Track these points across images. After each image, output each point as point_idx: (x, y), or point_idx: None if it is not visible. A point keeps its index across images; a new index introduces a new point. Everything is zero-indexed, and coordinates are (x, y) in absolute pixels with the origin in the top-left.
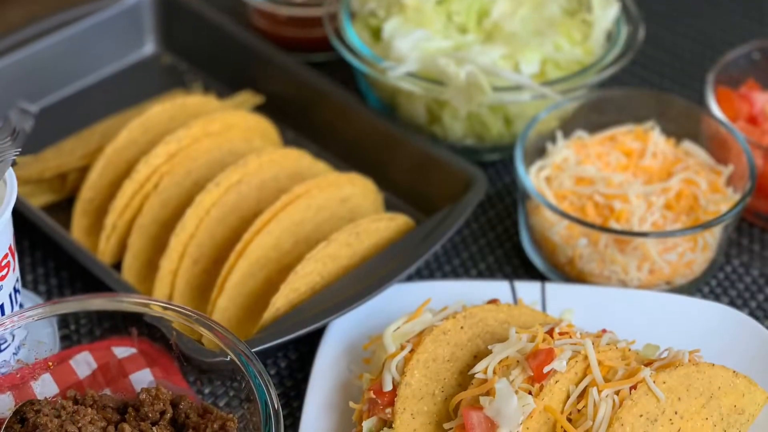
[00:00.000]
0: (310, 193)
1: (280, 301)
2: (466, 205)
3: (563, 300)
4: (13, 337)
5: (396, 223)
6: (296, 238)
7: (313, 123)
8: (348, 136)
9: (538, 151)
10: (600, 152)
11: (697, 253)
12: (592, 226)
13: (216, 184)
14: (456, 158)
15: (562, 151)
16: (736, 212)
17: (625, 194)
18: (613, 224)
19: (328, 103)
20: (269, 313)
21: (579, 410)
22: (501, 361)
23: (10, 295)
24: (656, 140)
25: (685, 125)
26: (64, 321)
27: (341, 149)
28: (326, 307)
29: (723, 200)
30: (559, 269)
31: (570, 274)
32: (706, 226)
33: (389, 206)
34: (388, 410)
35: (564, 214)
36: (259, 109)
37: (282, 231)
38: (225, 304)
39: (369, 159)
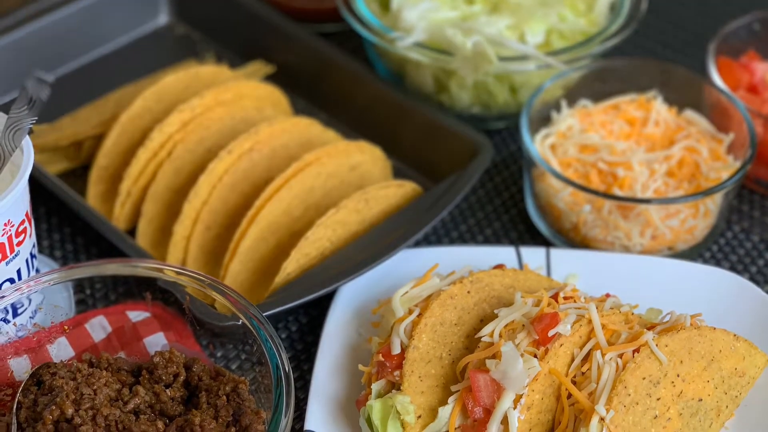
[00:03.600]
0: (320, 161)
1: (291, 266)
2: (473, 172)
3: (568, 265)
4: (30, 301)
5: (404, 189)
6: (306, 205)
7: (323, 92)
8: (357, 105)
9: (543, 120)
10: (604, 120)
11: (699, 220)
12: (595, 192)
13: (228, 151)
14: (463, 126)
15: (567, 119)
16: (737, 179)
17: (629, 161)
18: (617, 191)
19: (337, 73)
20: (280, 278)
21: (583, 373)
22: (507, 324)
23: (27, 261)
24: (659, 109)
25: (687, 94)
26: (79, 286)
27: (351, 118)
28: (336, 272)
29: (724, 168)
30: (563, 235)
31: (574, 239)
32: (708, 192)
33: (398, 173)
34: (397, 373)
35: (568, 181)
36: (271, 78)
37: (292, 198)
38: (237, 269)
39: (378, 127)
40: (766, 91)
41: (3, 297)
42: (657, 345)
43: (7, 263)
